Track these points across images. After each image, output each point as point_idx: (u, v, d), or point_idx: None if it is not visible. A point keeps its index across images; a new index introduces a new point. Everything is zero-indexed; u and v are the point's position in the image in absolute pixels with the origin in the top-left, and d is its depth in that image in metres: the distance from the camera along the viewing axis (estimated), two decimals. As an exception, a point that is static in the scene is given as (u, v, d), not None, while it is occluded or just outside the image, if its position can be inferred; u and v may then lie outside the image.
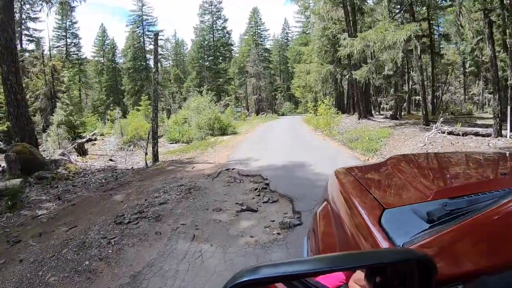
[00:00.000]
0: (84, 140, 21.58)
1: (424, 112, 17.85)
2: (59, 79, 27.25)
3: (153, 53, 13.51)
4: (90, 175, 11.59)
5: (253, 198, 6.55)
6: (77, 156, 16.31)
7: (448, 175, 1.94)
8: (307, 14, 53.33)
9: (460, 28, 13.64)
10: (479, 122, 21.23)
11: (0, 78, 12.70)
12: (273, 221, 5.27)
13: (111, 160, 15.98)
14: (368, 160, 10.42)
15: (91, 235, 5.11)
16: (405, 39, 14.89)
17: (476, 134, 12.78)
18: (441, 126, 13.73)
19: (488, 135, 12.38)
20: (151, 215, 5.87)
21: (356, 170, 2.30)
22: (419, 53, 16.39)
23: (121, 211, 6.27)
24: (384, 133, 15.13)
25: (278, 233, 4.80)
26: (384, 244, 1.13)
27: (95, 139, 22.47)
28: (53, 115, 23.73)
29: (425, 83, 27.55)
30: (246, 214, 5.68)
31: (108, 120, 31.98)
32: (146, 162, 12.52)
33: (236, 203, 6.24)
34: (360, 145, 12.76)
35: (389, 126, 18.12)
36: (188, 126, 23.91)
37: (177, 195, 7.11)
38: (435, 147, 11.57)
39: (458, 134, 13.04)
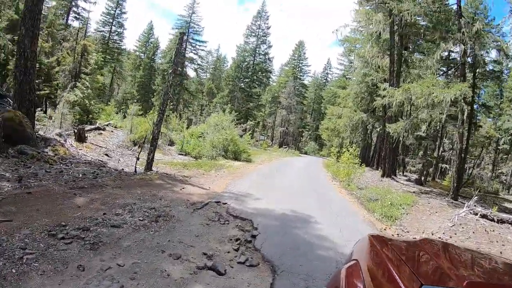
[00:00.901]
0: (92, 127, 20.58)
1: (455, 185, 15.93)
2: (87, 60, 26.56)
3: (174, 53, 12.33)
4: (73, 165, 10.40)
5: (228, 252, 4.92)
6: (74, 141, 15.18)
7: (478, 271, 2.05)
8: (351, 58, 52.45)
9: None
10: (507, 205, 19.21)
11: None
12: (239, 300, 3.66)
13: (106, 155, 14.80)
14: (385, 229, 8.70)
15: (14, 238, 4.10)
16: (452, 99, 13.25)
17: (515, 224, 10.80)
18: (474, 205, 11.83)
19: (530, 230, 10.40)
20: (92, 238, 4.53)
21: (390, 240, 2.49)
22: (465, 118, 14.62)
23: (67, 220, 5.03)
24: (407, 199, 13.25)
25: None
26: None
27: (104, 129, 21.32)
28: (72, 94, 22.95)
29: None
30: (208, 276, 4.08)
31: (127, 114, 31.17)
32: (135, 168, 11.11)
33: (204, 254, 4.68)
34: (379, 208, 10.94)
35: (414, 192, 16.30)
36: (202, 141, 22.56)
37: (140, 220, 5.66)
38: (465, 231, 9.68)
39: (493, 220, 11.08)
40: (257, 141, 51.31)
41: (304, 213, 8.24)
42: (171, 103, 34.93)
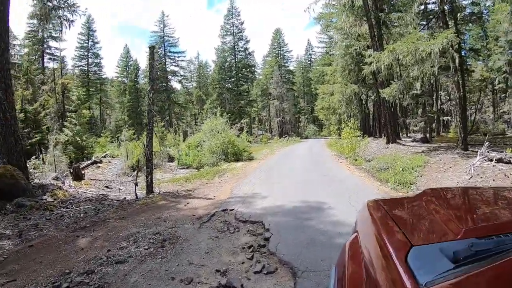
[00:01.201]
0: (88, 162, 20.32)
1: (463, 135, 15.49)
2: (69, 97, 26.31)
3: (148, 68, 11.98)
4: (73, 206, 10.10)
5: (243, 263, 4.54)
6: (72, 181, 14.86)
7: (481, 213, 1.88)
8: (330, 34, 52.14)
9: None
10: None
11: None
12: (261, 317, 3.29)
13: (106, 187, 14.47)
14: (402, 197, 8.34)
15: (19, 300, 3.81)
16: (440, 49, 12.78)
17: (535, 162, 10.35)
18: (488, 152, 11.38)
19: (551, 165, 9.96)
20: (97, 281, 4.21)
21: (388, 202, 2.27)
22: (457, 65, 14.15)
23: (71, 266, 4.76)
24: (418, 160, 12.84)
25: None
26: (407, 282, 1.12)
27: (101, 161, 21.03)
28: (62, 134, 22.77)
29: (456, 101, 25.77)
30: (224, 296, 3.74)
31: (122, 141, 30.87)
32: (136, 194, 10.77)
33: (217, 271, 4.32)
34: (391, 176, 10.58)
35: (422, 152, 15.87)
36: (201, 150, 22.20)
37: (145, 249, 5.30)
38: (485, 180, 9.29)
39: (509, 162, 10.61)
40: (256, 136, 51.05)
41: (315, 201, 7.88)
42: (163, 121, 34.58)
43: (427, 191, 2.24)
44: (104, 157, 23.54)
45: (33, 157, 19.37)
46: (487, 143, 11.81)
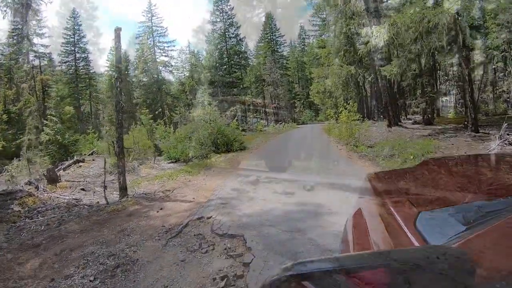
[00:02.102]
0: (70, 161, 19.00)
1: (473, 116, 14.08)
2: (49, 94, 24.93)
3: (114, 52, 10.59)
4: (39, 216, 8.89)
5: (211, 306, 3.22)
6: (47, 184, 13.56)
7: (484, 178, 1.92)
8: (323, 16, 50.75)
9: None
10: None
11: None
12: None
13: (82, 189, 13.14)
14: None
15: None
16: (448, 20, 11.29)
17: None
18: (508, 135, 10.05)
19: None
20: None
21: (389, 174, 2.35)
22: (468, 35, 12.73)
23: None
24: (427, 145, 11.41)
25: None
26: None
27: (83, 160, 19.69)
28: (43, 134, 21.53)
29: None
30: None
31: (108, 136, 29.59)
32: (106, 199, 9.40)
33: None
34: (399, 165, 9.19)
35: (429, 135, 14.59)
36: (189, 142, 20.81)
37: (91, 280, 4.11)
38: None
39: (530, 145, 9.37)
40: (251, 124, 50.05)
41: (312, 202, 6.48)
42: (154, 112, 33.18)
43: (428, 161, 2.38)
44: (92, 154, 22.45)
45: (17, 159, 18.31)
46: (505, 124, 10.49)
